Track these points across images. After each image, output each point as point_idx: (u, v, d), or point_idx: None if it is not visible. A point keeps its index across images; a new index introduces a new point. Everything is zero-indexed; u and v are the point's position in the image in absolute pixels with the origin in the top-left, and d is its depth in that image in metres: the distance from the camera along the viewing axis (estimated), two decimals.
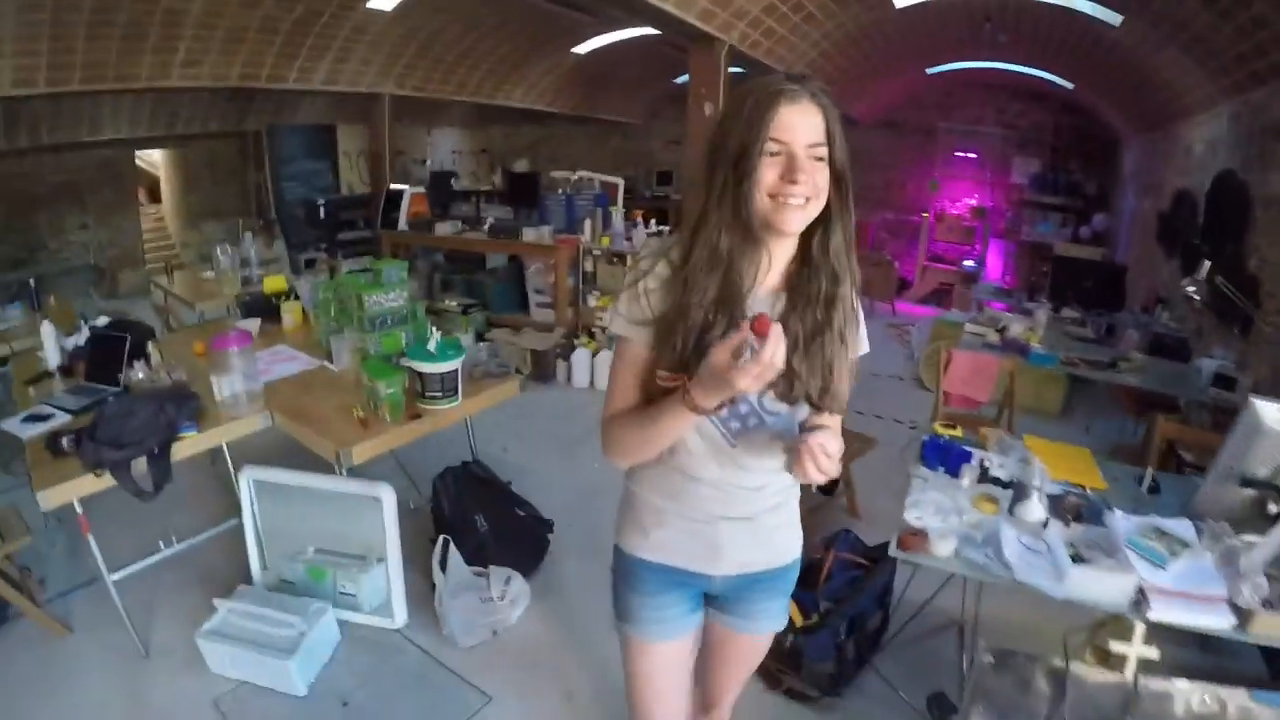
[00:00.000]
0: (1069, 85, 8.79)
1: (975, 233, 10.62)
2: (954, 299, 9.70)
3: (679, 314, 1.20)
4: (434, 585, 2.84)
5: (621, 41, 8.84)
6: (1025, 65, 8.62)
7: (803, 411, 1.30)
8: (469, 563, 2.94)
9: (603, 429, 1.35)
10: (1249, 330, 4.13)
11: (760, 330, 1.05)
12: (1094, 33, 5.81)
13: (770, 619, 1.56)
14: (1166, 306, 5.72)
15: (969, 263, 10.16)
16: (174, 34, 5.64)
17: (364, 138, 9.45)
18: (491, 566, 3.00)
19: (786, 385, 1.25)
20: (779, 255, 1.26)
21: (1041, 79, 8.99)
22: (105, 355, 2.98)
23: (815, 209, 1.19)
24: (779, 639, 1.87)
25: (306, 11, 6.14)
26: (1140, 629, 1.52)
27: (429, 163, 11.14)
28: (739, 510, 1.39)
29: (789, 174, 1.14)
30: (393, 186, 7.16)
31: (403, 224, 6.66)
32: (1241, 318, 4.14)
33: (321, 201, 8.31)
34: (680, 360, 1.20)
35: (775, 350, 1.04)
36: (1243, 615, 1.80)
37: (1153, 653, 1.49)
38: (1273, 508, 1.91)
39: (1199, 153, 5.68)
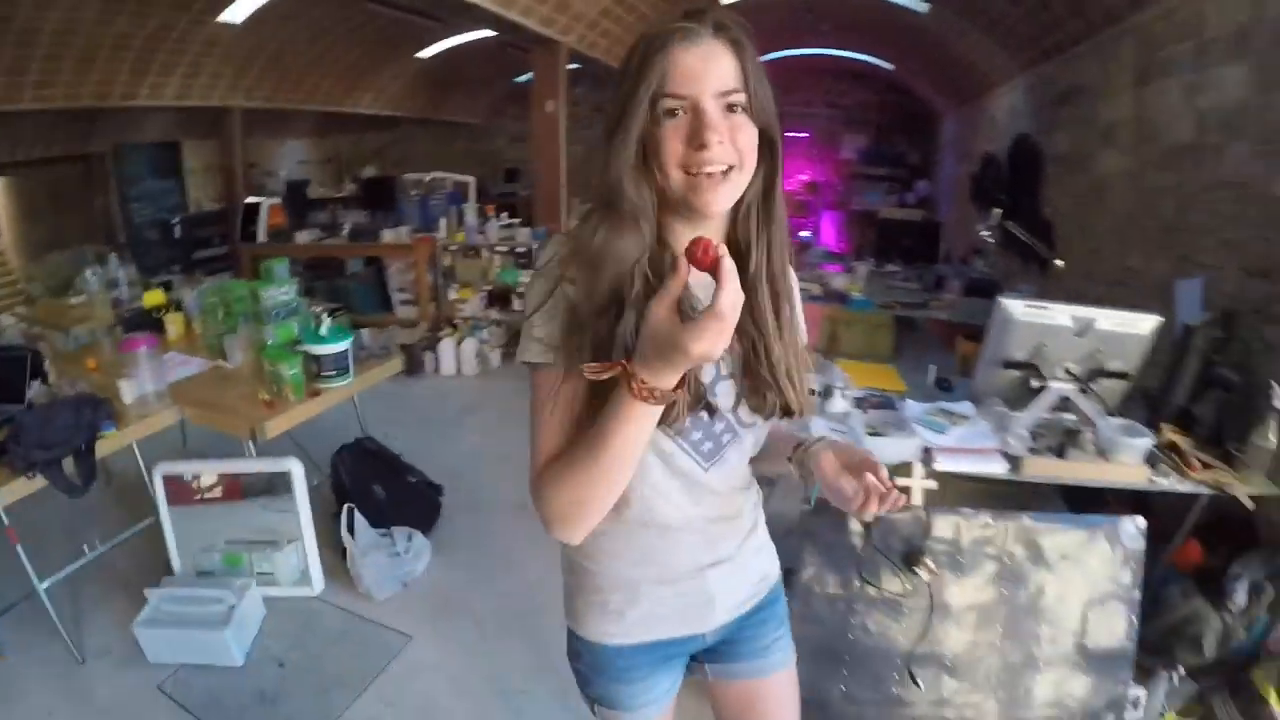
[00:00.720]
0: (890, 67, 9.53)
1: (809, 206, 11.30)
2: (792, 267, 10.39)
3: (598, 301, 0.92)
4: (344, 552, 3.09)
5: (464, 44, 9.04)
6: (849, 50, 9.28)
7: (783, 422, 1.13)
8: (372, 526, 3.20)
9: (535, 493, 0.98)
10: (1046, 268, 4.85)
11: (704, 261, 0.77)
12: (905, 19, 6.45)
13: (782, 650, 1.33)
14: (981, 256, 6.49)
15: (805, 234, 10.72)
16: (28, 54, 5.49)
17: (211, 153, 9.21)
18: (393, 527, 3.27)
19: (760, 398, 1.05)
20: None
21: (865, 62, 9.71)
22: (1, 377, 3.06)
23: (742, 179, 0.93)
24: None
25: (159, 26, 6.09)
26: (920, 467, 1.95)
27: (283, 174, 10.98)
28: (723, 550, 1.17)
29: (697, 136, 0.88)
30: (249, 200, 7.13)
31: (262, 236, 6.66)
32: (1039, 259, 4.85)
33: (175, 220, 8.14)
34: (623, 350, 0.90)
35: (731, 287, 0.76)
36: (1015, 462, 2.27)
37: (931, 484, 1.91)
38: (1034, 383, 2.36)
39: (1001, 120, 6.47)
